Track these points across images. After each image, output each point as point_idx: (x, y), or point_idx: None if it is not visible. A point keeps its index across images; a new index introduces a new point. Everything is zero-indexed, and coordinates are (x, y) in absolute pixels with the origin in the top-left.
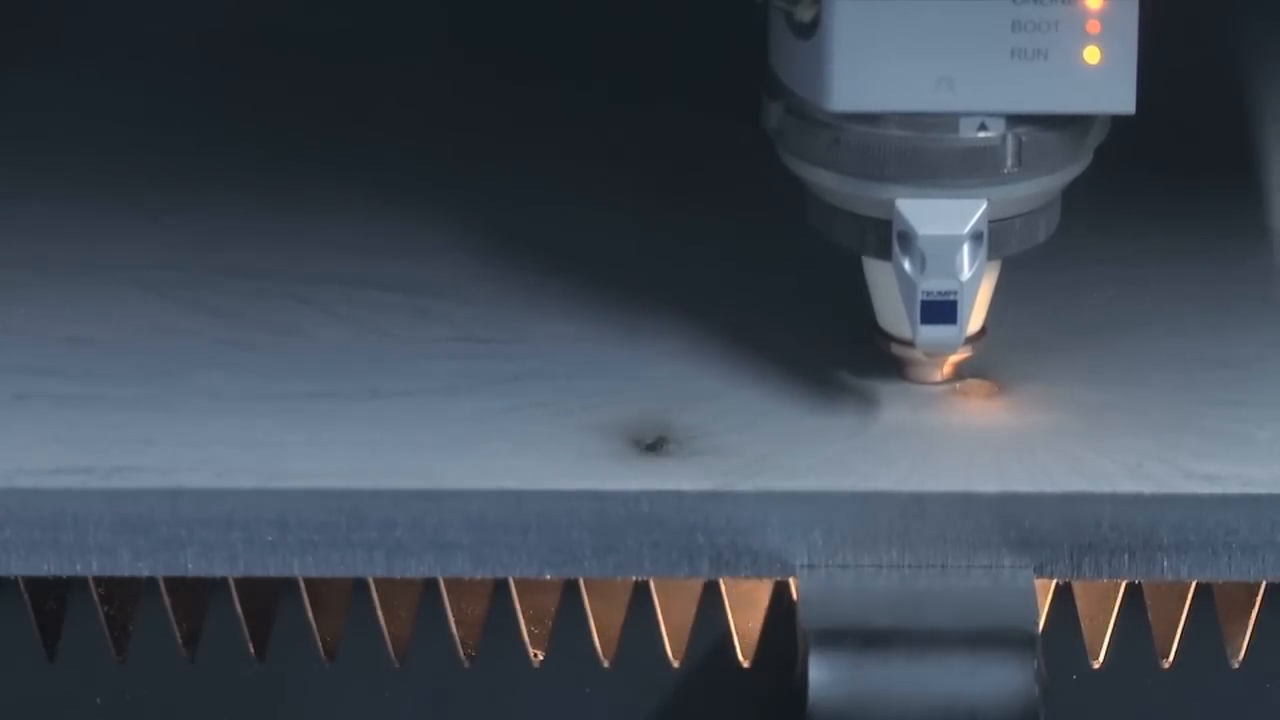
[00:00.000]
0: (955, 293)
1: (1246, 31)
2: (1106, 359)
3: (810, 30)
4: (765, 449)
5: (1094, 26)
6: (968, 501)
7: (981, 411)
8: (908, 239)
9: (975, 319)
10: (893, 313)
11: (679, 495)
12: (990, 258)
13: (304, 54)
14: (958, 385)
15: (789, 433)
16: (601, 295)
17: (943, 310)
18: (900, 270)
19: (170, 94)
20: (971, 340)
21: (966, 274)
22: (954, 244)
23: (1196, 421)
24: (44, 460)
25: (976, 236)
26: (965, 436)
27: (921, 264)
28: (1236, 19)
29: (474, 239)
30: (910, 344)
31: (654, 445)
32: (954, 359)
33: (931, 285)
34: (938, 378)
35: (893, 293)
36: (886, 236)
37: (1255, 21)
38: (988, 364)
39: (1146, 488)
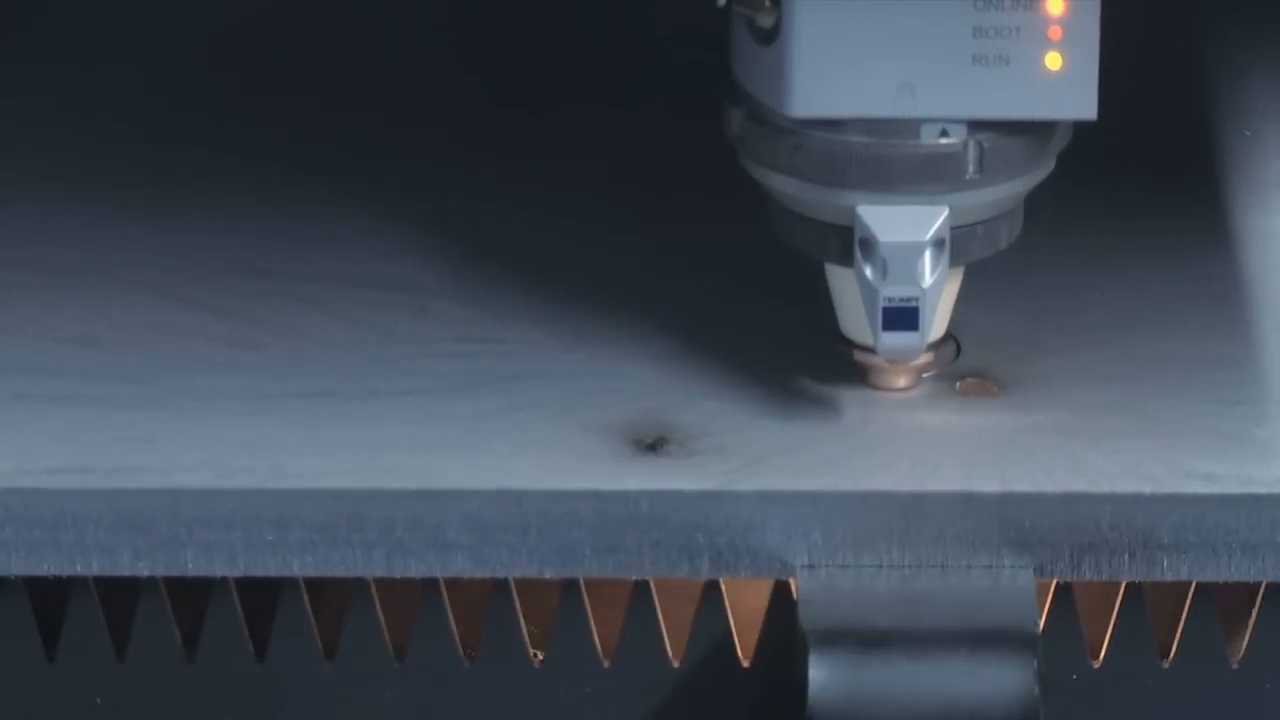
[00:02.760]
0: (917, 299)
1: (1208, 35)
2: (1106, 359)
3: (771, 36)
4: (765, 449)
5: (1055, 33)
6: (968, 501)
7: (981, 411)
8: (869, 245)
9: (938, 325)
10: (855, 319)
11: (679, 495)
12: (952, 264)
13: (304, 54)
14: (958, 385)
15: (789, 433)
16: (601, 296)
17: (904, 317)
18: (862, 277)
19: (170, 94)
20: (934, 347)
21: (928, 281)
22: (915, 250)
23: (1196, 421)
24: (44, 460)
25: (938, 243)
26: (965, 436)
27: (883, 270)
28: (1197, 23)
29: (475, 239)
30: (872, 350)
31: (654, 445)
32: (916, 366)
33: (893, 292)
34: (901, 385)
35: (855, 299)
36: (848, 243)
37: (1216, 24)
38: (988, 364)
39: (1146, 488)
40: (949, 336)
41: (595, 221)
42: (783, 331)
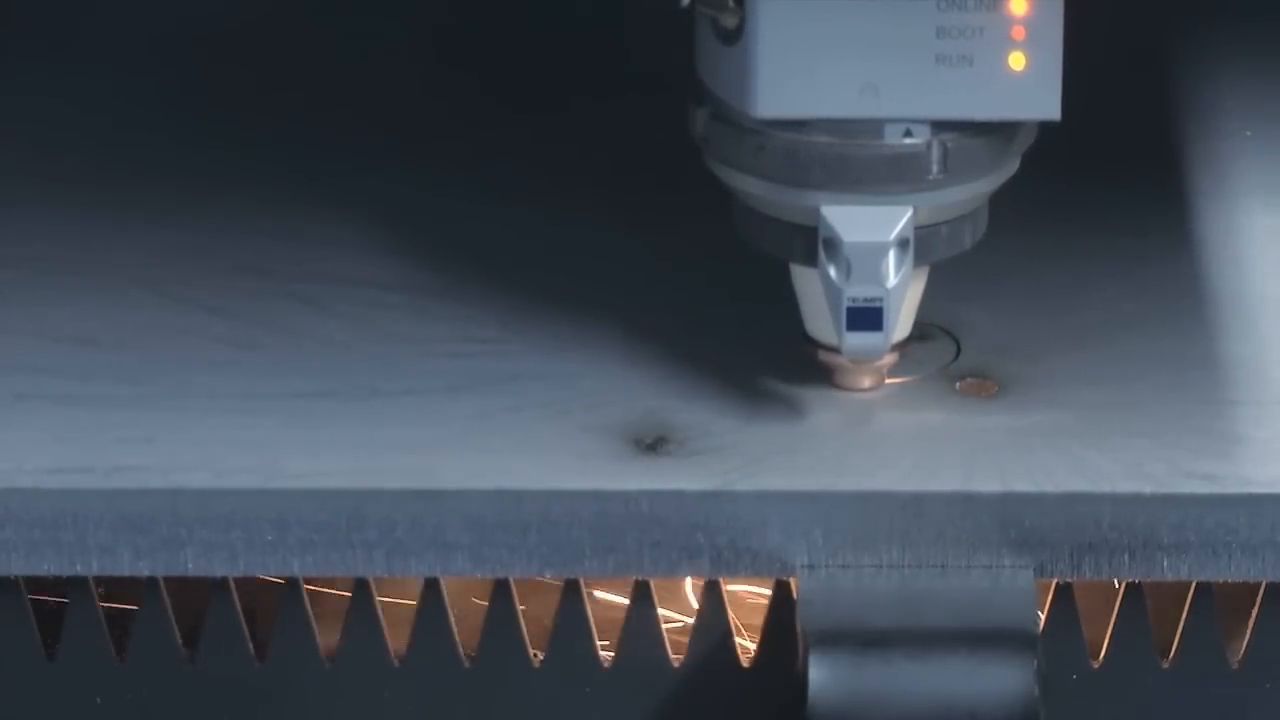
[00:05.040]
0: (881, 299)
1: (1172, 33)
2: (1106, 359)
3: (735, 36)
4: (765, 449)
5: (1019, 33)
6: (968, 501)
7: (981, 411)
8: (833, 246)
9: (902, 326)
10: (820, 320)
11: (679, 495)
12: (916, 265)
13: (304, 53)
14: (958, 385)
15: (789, 433)
16: (601, 295)
17: (868, 317)
18: (826, 277)
19: (170, 93)
20: (899, 347)
21: (892, 281)
22: (879, 251)
23: (1196, 421)
24: (44, 460)
25: (902, 243)
26: (965, 436)
27: (847, 271)
28: (1159, 23)
29: (474, 240)
30: (837, 351)
31: (654, 445)
32: (881, 366)
33: (857, 292)
34: (865, 385)
35: (820, 300)
36: (812, 243)
37: (1180, 21)
38: (988, 364)
39: (1146, 488)
40: (949, 336)
41: (596, 222)
42: (783, 332)
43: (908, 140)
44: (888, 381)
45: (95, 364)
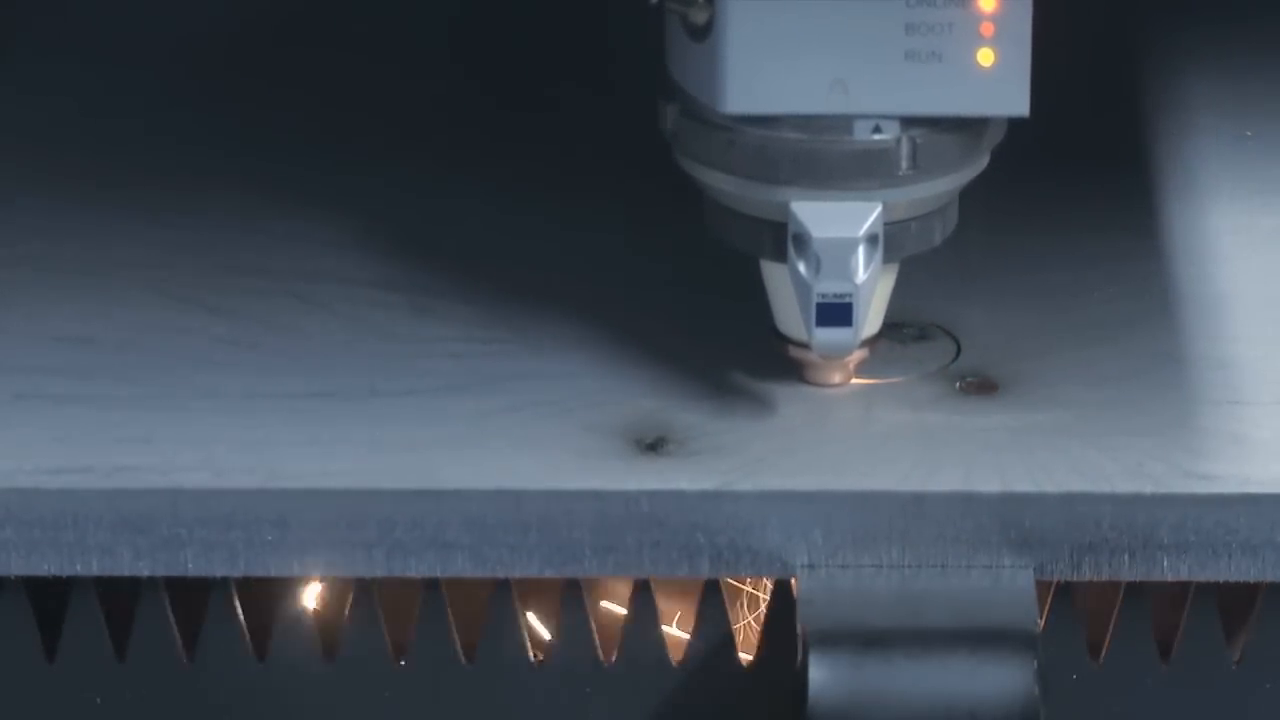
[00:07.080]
0: (850, 295)
1: (1141, 29)
2: (1106, 359)
3: (704, 33)
4: (765, 449)
5: (988, 29)
6: (968, 501)
7: (981, 411)
8: (802, 241)
9: (872, 321)
10: (790, 316)
11: (679, 495)
12: (885, 260)
13: (304, 52)
14: (958, 385)
15: (789, 432)
16: (602, 295)
17: (838, 313)
18: (795, 273)
19: (171, 93)
20: (868, 343)
21: (861, 276)
22: (849, 246)
23: (1196, 421)
24: (44, 460)
25: (871, 239)
26: (965, 436)
27: (816, 267)
28: (1128, 18)
29: (475, 239)
30: (806, 346)
31: (654, 445)
32: (850, 361)
33: (826, 288)
34: (835, 380)
35: (789, 295)
36: (782, 239)
37: (1147, 18)
38: (988, 364)
39: (1146, 487)
40: (949, 336)
41: (597, 221)
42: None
43: (877, 136)
44: (889, 381)
45: (95, 364)
